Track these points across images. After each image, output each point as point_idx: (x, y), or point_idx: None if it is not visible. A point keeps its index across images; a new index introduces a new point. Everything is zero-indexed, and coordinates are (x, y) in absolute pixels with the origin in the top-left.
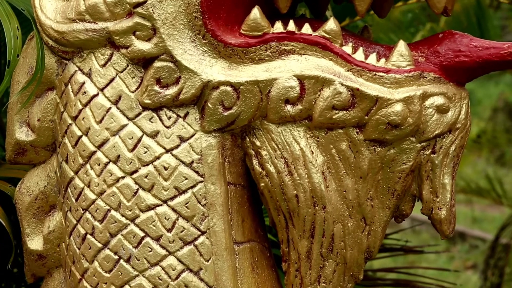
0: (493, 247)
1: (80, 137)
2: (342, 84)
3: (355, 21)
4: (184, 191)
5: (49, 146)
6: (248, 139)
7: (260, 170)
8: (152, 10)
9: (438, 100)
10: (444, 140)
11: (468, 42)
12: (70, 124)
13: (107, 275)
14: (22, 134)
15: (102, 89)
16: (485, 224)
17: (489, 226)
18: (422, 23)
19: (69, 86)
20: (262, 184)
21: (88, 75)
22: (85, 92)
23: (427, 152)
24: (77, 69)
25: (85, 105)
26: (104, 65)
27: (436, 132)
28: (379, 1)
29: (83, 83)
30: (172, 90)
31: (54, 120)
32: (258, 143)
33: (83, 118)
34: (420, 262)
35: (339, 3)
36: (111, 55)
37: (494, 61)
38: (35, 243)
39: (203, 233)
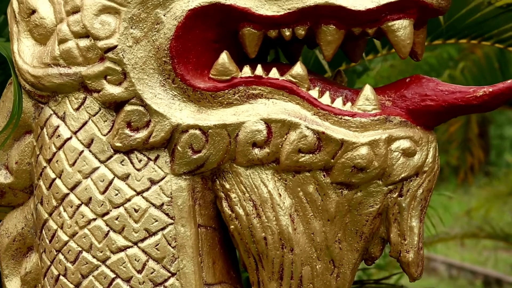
0: None
1: (54, 179)
2: (308, 128)
3: (351, 66)
4: (154, 233)
5: (27, 189)
6: (218, 181)
7: (230, 212)
8: (122, 55)
9: (404, 144)
10: (411, 183)
11: (435, 87)
12: (45, 167)
13: None
14: (1, 176)
15: (75, 132)
16: None
17: None
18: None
19: (45, 130)
20: (232, 226)
21: (63, 118)
22: (59, 136)
23: (394, 195)
24: (52, 112)
25: (59, 148)
26: (77, 109)
27: (402, 175)
28: (351, 47)
29: (58, 126)
30: (142, 134)
31: (31, 163)
32: (227, 186)
33: (57, 161)
34: None
35: (312, 48)
36: (85, 99)
37: (460, 105)
38: (13, 284)
39: (173, 274)
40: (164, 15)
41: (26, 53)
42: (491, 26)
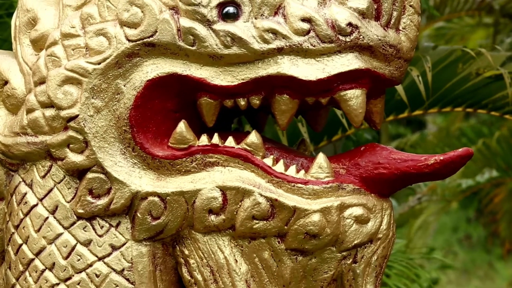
0: None
1: (20, 245)
2: (261, 195)
3: (346, 135)
4: None
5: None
6: (178, 247)
7: (189, 278)
8: (84, 124)
9: (357, 211)
10: (365, 250)
11: (387, 155)
12: (13, 233)
13: None
14: None
15: (41, 199)
16: None
17: None
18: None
19: (14, 197)
20: None
21: (30, 186)
22: (26, 202)
23: (348, 262)
24: (21, 180)
25: (25, 215)
26: (44, 177)
27: (355, 242)
28: (312, 116)
29: (25, 193)
30: (103, 201)
31: (2, 229)
32: (186, 252)
33: (24, 227)
34: None
35: None
36: (50, 167)
37: (412, 173)
38: None
39: None
40: (124, 85)
41: None
42: (483, 94)
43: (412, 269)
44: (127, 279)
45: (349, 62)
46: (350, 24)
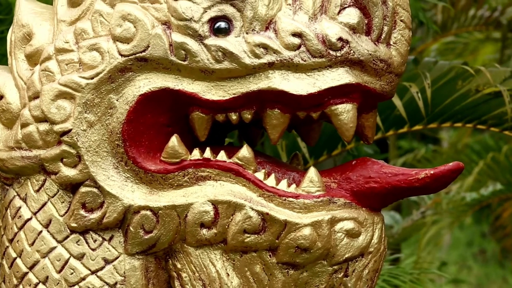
0: None
1: (15, 259)
2: (252, 209)
3: (345, 149)
4: None
5: None
6: (170, 261)
7: None
8: (77, 138)
9: (348, 225)
10: (356, 263)
11: (379, 169)
12: (7, 247)
13: None
14: None
15: (35, 213)
16: None
17: None
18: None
19: (8, 211)
20: None
21: (24, 200)
22: (20, 216)
23: (340, 275)
24: (15, 194)
25: (20, 228)
26: (37, 191)
27: (346, 255)
28: (305, 130)
29: (20, 207)
30: (96, 214)
31: None
32: (179, 266)
33: (18, 241)
34: None
35: None
36: (44, 181)
37: (402, 187)
38: None
39: None
40: (117, 100)
41: None
42: (483, 111)
43: (417, 286)
44: None
45: (339, 76)
46: (340, 39)
